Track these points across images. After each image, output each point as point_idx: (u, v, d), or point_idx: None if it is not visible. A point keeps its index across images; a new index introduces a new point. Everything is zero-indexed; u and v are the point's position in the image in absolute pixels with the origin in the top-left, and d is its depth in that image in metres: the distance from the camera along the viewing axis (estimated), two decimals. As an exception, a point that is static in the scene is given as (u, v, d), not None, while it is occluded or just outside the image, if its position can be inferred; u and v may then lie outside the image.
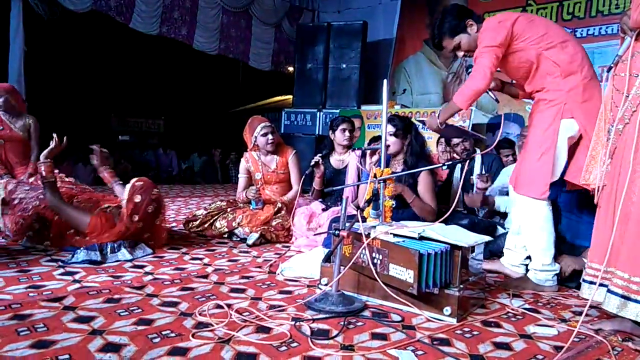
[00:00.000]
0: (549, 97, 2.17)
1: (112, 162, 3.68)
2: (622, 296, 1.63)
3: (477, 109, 5.92)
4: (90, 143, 3.21)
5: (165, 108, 13.00)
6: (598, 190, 1.80)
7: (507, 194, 3.01)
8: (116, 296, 1.93)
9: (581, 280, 1.85)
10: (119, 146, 11.25)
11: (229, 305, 1.84)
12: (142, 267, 2.44)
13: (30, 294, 1.91)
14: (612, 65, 1.78)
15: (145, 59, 10.90)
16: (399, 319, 1.82)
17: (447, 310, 1.80)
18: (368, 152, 3.01)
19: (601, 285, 1.72)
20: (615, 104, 1.74)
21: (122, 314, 1.74)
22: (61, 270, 2.28)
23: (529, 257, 2.36)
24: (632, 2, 1.67)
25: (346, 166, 3.54)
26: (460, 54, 2.37)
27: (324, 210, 3.35)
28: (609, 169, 1.76)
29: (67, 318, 1.67)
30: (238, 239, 3.23)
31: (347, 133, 3.55)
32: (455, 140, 3.83)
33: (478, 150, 3.75)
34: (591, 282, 1.78)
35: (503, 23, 2.17)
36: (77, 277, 2.19)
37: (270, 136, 3.49)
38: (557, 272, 2.27)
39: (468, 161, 3.57)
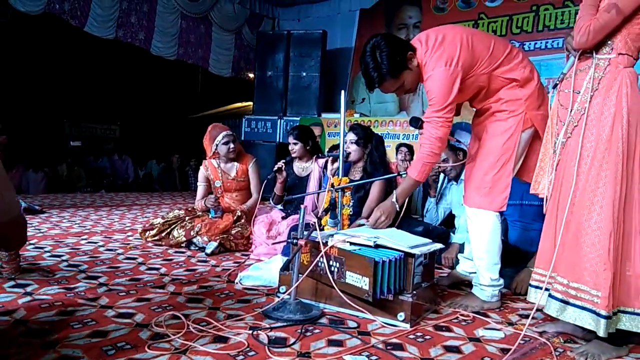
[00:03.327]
0: (509, 108, 2.09)
1: (66, 168, 3.54)
2: (562, 300, 1.72)
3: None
4: (41, 149, 3.08)
5: (122, 113, 12.68)
6: (546, 200, 1.90)
7: None
8: (69, 308, 1.89)
9: (529, 285, 1.95)
10: (71, 152, 10.89)
11: (186, 316, 1.84)
12: (96, 278, 2.39)
13: (-23, 309, 1.84)
14: (557, 82, 1.89)
15: (101, 63, 10.63)
16: (355, 325, 1.86)
17: (401, 315, 1.86)
18: (330, 159, 3.06)
19: (547, 289, 1.82)
20: (560, 118, 1.86)
21: (75, 326, 1.70)
22: (12, 283, 2.20)
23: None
24: (575, 25, 1.79)
25: (309, 174, 3.58)
26: (401, 92, 2.14)
27: (283, 218, 3.37)
28: (553, 180, 1.87)
29: (18, 332, 1.62)
30: (196, 248, 3.21)
31: (291, 147, 3.58)
32: None
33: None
34: (537, 287, 1.88)
35: (453, 71, 1.97)
36: (28, 289, 2.12)
37: (231, 145, 3.49)
38: (502, 287, 2.22)
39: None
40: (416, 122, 2.21)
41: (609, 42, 1.73)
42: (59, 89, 10.86)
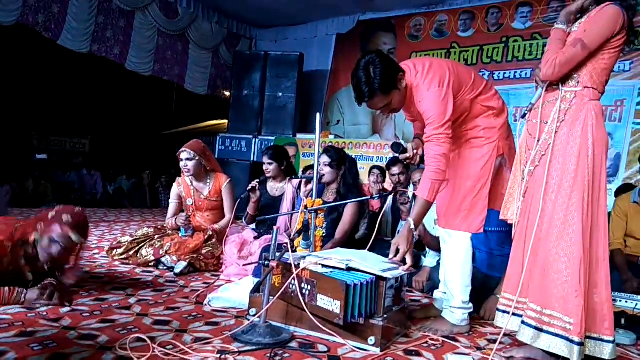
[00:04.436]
0: (486, 135, 2.16)
1: (32, 182, 3.42)
2: (536, 328, 1.75)
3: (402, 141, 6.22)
4: (4, 162, 2.99)
5: (92, 127, 12.43)
6: (514, 226, 1.95)
7: None
8: (30, 329, 1.82)
9: (496, 309, 1.97)
10: (37, 166, 10.57)
11: (151, 339, 1.79)
12: (59, 297, 2.30)
13: None
14: (526, 112, 1.96)
15: (74, 76, 10.45)
16: (325, 349, 1.84)
17: (372, 340, 1.85)
18: (304, 180, 3.06)
19: (515, 315, 1.85)
20: (529, 147, 1.93)
21: (35, 348, 1.63)
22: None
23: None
24: (543, 57, 1.87)
25: (282, 194, 3.56)
26: (387, 111, 2.16)
27: (256, 238, 3.34)
28: (521, 207, 1.92)
29: (-30, 355, 1.55)
30: (165, 267, 3.14)
31: (265, 167, 3.58)
32: (395, 170, 3.96)
33: (411, 187, 3.74)
34: (504, 312, 1.91)
35: (447, 91, 2.02)
36: (-16, 309, 2.03)
37: (185, 162, 3.42)
38: (472, 310, 2.24)
39: (399, 194, 3.72)
40: (397, 148, 2.23)
41: (575, 75, 1.81)
42: (27, 101, 10.61)
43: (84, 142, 13.37)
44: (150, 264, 3.18)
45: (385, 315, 1.91)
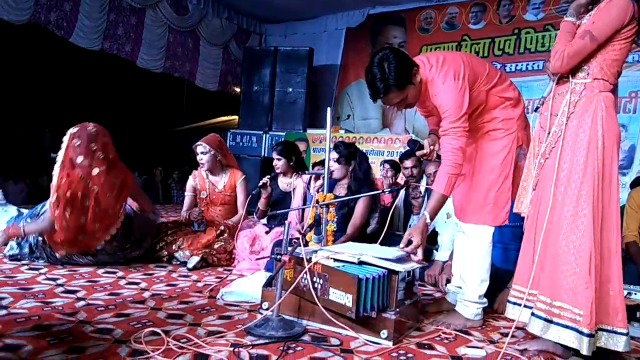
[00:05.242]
0: (504, 127, 2.15)
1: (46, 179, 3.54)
2: (545, 319, 1.75)
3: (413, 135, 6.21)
4: (20, 159, 3.10)
5: (105, 124, 12.48)
6: (526, 219, 1.94)
7: None
8: (45, 323, 1.84)
9: (507, 301, 1.96)
10: (51, 163, 10.68)
11: (166, 332, 1.81)
12: (74, 292, 2.34)
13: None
14: (539, 104, 1.95)
15: (85, 74, 10.54)
16: (338, 342, 1.85)
17: (384, 333, 1.86)
18: (313, 176, 3.07)
19: (526, 307, 1.84)
20: (540, 139, 1.91)
21: (51, 342, 1.66)
22: (-17, 297, 2.14)
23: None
24: (552, 50, 1.86)
25: (294, 189, 3.58)
26: (402, 106, 2.15)
27: (267, 233, 3.36)
28: (532, 199, 1.91)
29: (-11, 348, 1.57)
30: (178, 262, 3.17)
31: (275, 162, 3.60)
32: (407, 164, 3.93)
33: (424, 181, 3.72)
34: (515, 303, 1.90)
35: (462, 84, 2.01)
36: (4, 302, 2.07)
37: (200, 156, 3.52)
38: (486, 305, 2.24)
39: (411, 188, 3.71)
40: (414, 144, 2.23)
41: (585, 67, 1.79)
42: (41, 99, 10.72)
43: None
44: (163, 259, 3.21)
45: (397, 309, 1.91)
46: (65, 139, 2.86)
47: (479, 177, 2.19)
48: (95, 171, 2.82)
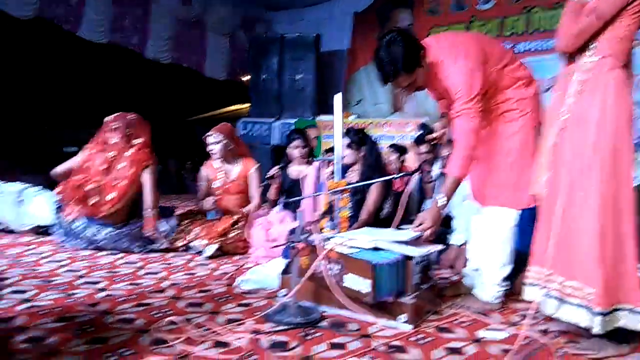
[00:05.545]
0: (519, 107, 2.09)
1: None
2: (557, 299, 1.74)
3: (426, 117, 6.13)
4: (35, 156, 3.24)
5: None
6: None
7: None
8: (68, 314, 1.88)
9: (522, 283, 1.96)
10: (67, 158, 10.79)
11: (186, 320, 1.83)
12: (95, 283, 2.38)
13: (-24, 316, 1.82)
14: (549, 85, 1.91)
15: (95, 68, 10.57)
16: (356, 328, 1.86)
17: (402, 317, 1.86)
18: (324, 163, 3.07)
19: (542, 287, 1.83)
20: (552, 119, 1.88)
21: (75, 333, 1.69)
22: (9, 290, 2.18)
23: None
24: (557, 31, 1.82)
25: (304, 177, 3.57)
26: (411, 89, 2.12)
27: (282, 220, 3.36)
28: (548, 180, 1.89)
29: (18, 340, 1.61)
30: (195, 251, 3.20)
31: (298, 151, 3.58)
32: (422, 149, 3.88)
33: (438, 164, 3.66)
34: (531, 284, 1.89)
35: (473, 63, 1.97)
36: (27, 295, 2.11)
37: (211, 146, 3.53)
38: (508, 289, 2.21)
39: (424, 172, 3.69)
40: (424, 128, 2.21)
41: (593, 45, 1.75)
42: (54, 95, 10.78)
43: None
44: (179, 249, 3.24)
45: (414, 293, 1.91)
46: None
47: (497, 160, 2.15)
48: (126, 154, 3.25)
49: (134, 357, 1.52)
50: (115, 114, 3.35)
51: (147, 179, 3.25)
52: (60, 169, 3.38)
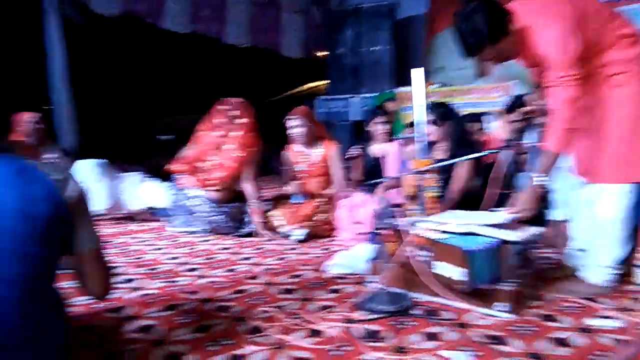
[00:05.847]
0: (628, 68, 1.87)
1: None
2: None
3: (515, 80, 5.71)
4: (131, 147, 3.51)
5: (204, 105, 13.05)
6: None
7: None
8: (171, 303, 2.00)
9: (633, 265, 1.77)
10: (161, 146, 11.47)
11: (280, 307, 1.88)
12: (194, 269, 2.52)
13: (92, 305, 1.97)
14: None
15: (176, 57, 11.04)
16: (451, 316, 1.80)
17: (501, 305, 1.77)
18: (406, 141, 2.98)
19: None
20: None
21: (180, 321, 1.80)
22: (119, 279, 2.36)
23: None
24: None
25: (386, 156, 3.50)
26: (499, 60, 2.02)
27: (366, 202, 3.33)
28: None
29: (129, 328, 1.75)
30: (283, 235, 3.27)
31: (381, 126, 3.49)
32: (512, 117, 3.61)
33: (530, 137, 3.31)
34: None
35: (567, 24, 1.79)
36: (134, 284, 2.28)
37: (292, 130, 3.55)
38: (623, 272, 2.00)
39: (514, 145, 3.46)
40: (516, 100, 2.04)
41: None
42: (145, 87, 11.45)
43: (199, 118, 14.18)
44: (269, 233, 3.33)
45: (512, 279, 1.80)
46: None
47: (606, 131, 1.91)
48: (232, 134, 3.46)
49: (233, 347, 1.58)
50: (223, 99, 3.61)
51: (249, 171, 3.47)
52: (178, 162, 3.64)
